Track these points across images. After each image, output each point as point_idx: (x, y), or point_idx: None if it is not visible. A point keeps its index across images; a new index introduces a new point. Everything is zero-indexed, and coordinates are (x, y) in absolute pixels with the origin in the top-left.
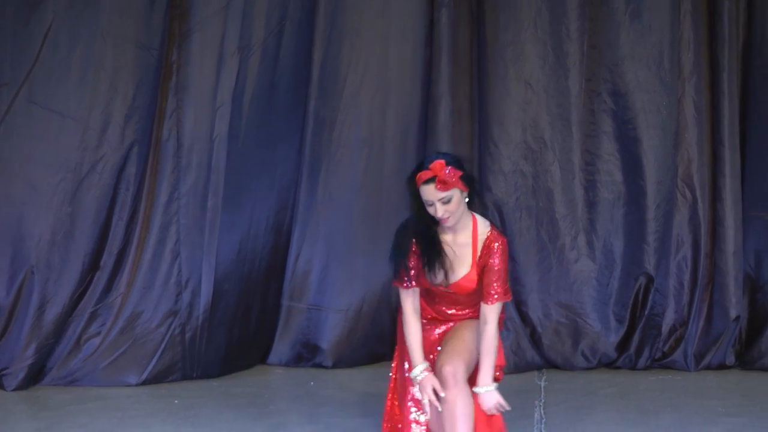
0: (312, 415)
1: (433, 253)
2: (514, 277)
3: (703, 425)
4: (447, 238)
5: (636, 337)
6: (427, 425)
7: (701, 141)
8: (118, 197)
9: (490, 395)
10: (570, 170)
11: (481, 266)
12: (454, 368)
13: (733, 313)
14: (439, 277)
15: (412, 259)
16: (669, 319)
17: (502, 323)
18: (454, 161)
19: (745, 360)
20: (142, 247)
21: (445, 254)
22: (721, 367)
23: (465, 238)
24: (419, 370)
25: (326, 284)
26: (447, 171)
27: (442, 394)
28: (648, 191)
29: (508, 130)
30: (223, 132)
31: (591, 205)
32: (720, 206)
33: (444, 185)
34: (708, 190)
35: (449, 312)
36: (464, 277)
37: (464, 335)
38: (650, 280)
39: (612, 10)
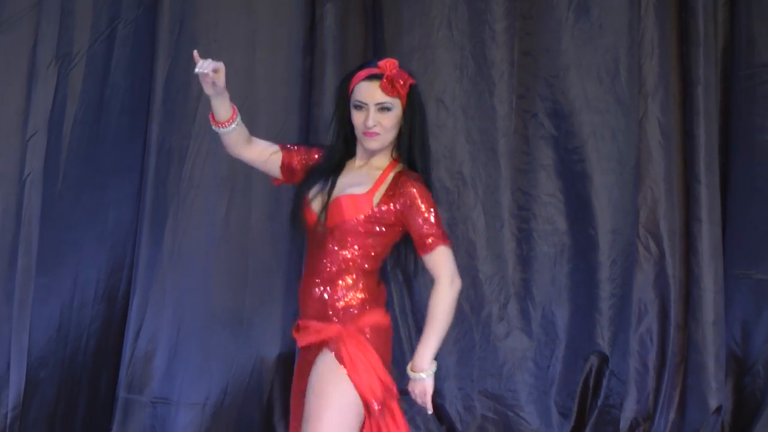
0: None
1: (326, 170)
2: None
3: None
4: (353, 166)
5: None
6: None
7: (669, 176)
8: None
9: (419, 383)
10: (497, 216)
11: (382, 208)
12: None
13: (712, 403)
14: (316, 202)
15: (309, 158)
16: (629, 411)
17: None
18: (408, 72)
19: None
20: None
21: (336, 174)
22: None
23: (373, 170)
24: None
25: (176, 369)
26: (399, 71)
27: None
28: (600, 243)
29: None
30: (36, 169)
31: (525, 262)
32: (695, 262)
33: (391, 87)
34: (679, 241)
35: (322, 284)
36: (349, 195)
37: (323, 403)
38: (604, 360)
39: (551, 4)
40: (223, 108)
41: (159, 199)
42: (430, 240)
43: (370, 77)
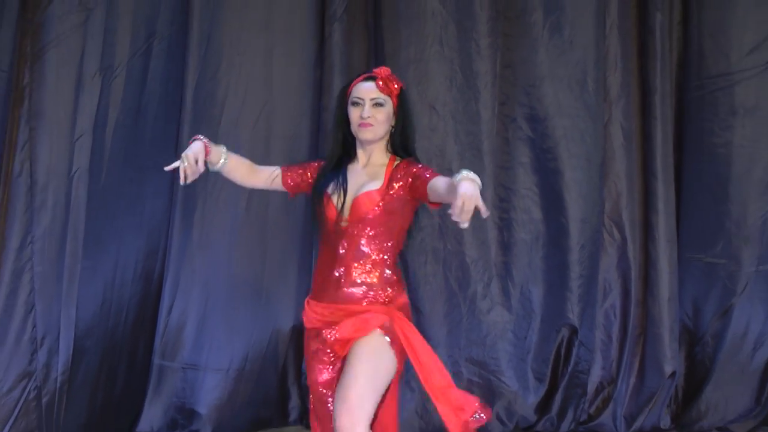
0: None
1: (334, 173)
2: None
3: None
4: (357, 167)
5: (558, 397)
6: None
7: (631, 173)
8: None
9: (467, 183)
10: None
11: (394, 193)
12: (351, 425)
13: (668, 369)
14: (336, 198)
15: (309, 169)
16: (595, 376)
17: (398, 381)
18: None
19: (682, 422)
20: None
21: (345, 174)
22: (655, 430)
23: (377, 168)
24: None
25: (203, 340)
26: (391, 75)
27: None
28: (571, 231)
29: None
30: (83, 166)
31: (506, 247)
32: (653, 247)
33: (384, 85)
34: (639, 228)
35: (344, 267)
36: (366, 193)
37: (361, 368)
38: (574, 331)
39: (528, 24)
40: (213, 157)
41: (189, 193)
42: (429, 172)
43: (367, 78)
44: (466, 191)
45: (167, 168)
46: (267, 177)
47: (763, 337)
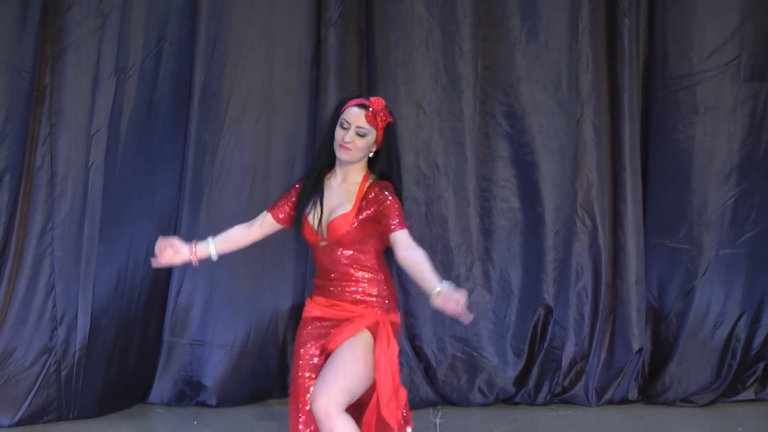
0: None
1: (312, 189)
2: (407, 310)
3: None
4: (333, 183)
5: (535, 371)
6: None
7: (601, 165)
8: None
9: (441, 297)
10: (464, 197)
11: (364, 215)
12: (327, 403)
13: (635, 345)
14: (313, 218)
15: (290, 195)
16: (569, 351)
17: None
18: (390, 111)
19: (649, 394)
20: (14, 281)
21: (322, 192)
22: (624, 401)
23: (351, 186)
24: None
25: (209, 318)
26: (383, 109)
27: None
28: (546, 218)
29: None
30: (99, 159)
31: (486, 233)
32: (621, 233)
33: (373, 118)
34: (608, 216)
35: (336, 280)
36: (340, 216)
37: (346, 358)
38: (549, 311)
39: (507, 29)
40: (202, 253)
41: (196, 183)
42: (397, 221)
43: (360, 105)
44: (445, 308)
45: (155, 265)
46: (259, 225)
47: (722, 317)
